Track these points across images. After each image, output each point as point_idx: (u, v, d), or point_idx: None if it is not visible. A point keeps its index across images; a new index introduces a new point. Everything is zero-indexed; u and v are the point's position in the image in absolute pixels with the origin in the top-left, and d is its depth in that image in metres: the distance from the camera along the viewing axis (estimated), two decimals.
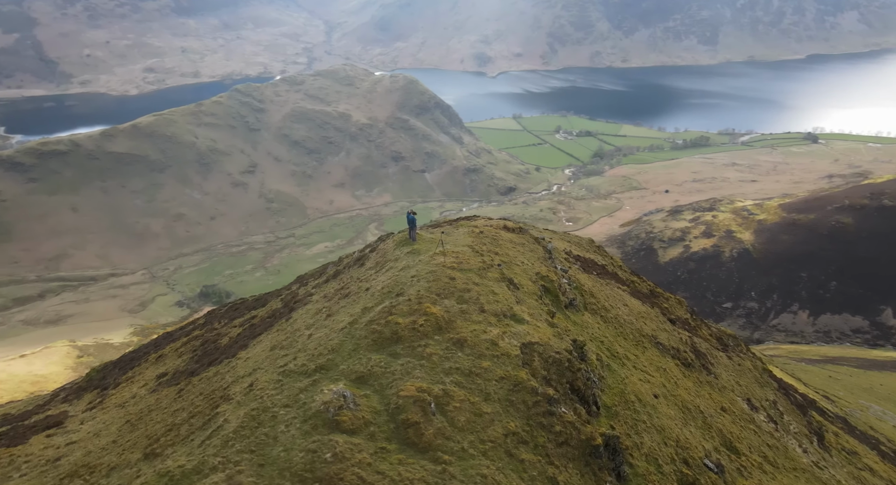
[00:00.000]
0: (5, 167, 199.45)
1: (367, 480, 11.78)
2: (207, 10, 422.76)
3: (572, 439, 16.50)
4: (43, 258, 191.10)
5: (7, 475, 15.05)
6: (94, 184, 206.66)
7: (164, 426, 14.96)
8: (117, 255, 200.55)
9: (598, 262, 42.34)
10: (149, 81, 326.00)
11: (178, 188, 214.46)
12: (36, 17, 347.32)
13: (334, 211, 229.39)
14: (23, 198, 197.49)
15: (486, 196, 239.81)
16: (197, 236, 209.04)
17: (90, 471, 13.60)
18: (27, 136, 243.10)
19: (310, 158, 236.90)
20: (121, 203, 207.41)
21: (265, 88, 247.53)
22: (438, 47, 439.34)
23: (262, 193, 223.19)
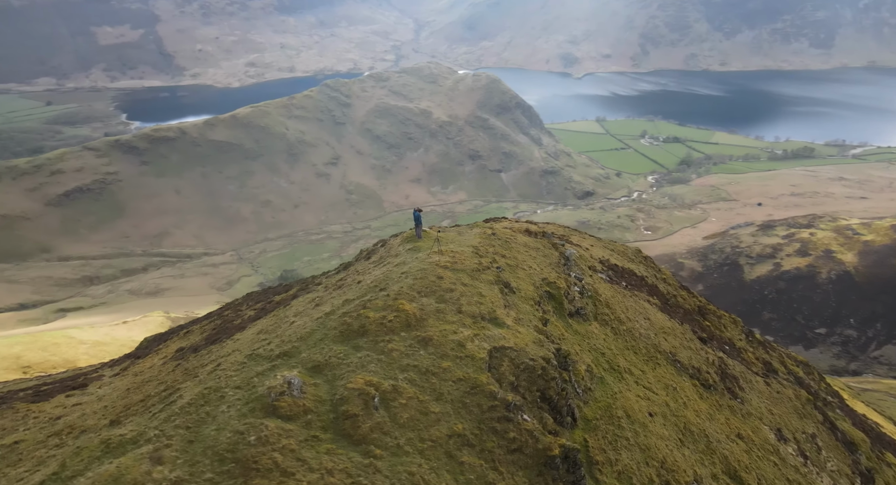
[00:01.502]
0: (123, 150, 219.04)
1: (283, 465, 12.35)
2: (306, 9, 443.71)
3: (527, 447, 16.43)
4: (148, 235, 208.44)
5: (14, 428, 17.11)
6: (195, 169, 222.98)
7: (141, 396, 16.47)
8: (211, 236, 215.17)
9: (637, 273, 41.01)
10: (249, 75, 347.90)
11: (268, 176, 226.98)
12: (159, 15, 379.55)
13: (409, 206, 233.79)
14: (135, 179, 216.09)
15: (563, 199, 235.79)
16: (281, 223, 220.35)
17: (69, 431, 15.24)
18: (144, 122, 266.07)
19: (389, 153, 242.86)
20: (217, 188, 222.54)
21: (352, 84, 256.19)
22: (524, 47, 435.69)
23: (342, 185, 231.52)
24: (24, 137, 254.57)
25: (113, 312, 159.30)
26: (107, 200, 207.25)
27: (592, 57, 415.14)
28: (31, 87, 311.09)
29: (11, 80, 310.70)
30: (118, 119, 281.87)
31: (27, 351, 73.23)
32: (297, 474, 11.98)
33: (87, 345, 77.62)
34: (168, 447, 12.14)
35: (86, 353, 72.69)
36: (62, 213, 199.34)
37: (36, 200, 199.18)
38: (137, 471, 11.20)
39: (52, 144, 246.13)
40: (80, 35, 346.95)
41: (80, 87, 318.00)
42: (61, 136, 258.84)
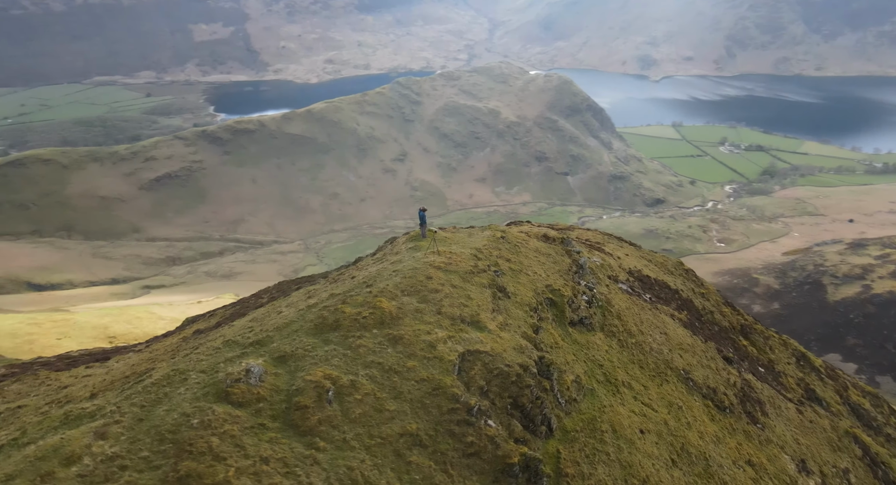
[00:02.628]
0: (209, 140, 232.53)
1: (217, 449, 12.86)
2: (384, 8, 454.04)
3: (486, 452, 16.41)
4: (226, 221, 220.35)
5: (27, 393, 18.91)
6: (271, 160, 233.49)
7: (130, 372, 17.74)
8: (281, 224, 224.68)
9: (670, 285, 39.53)
10: (327, 72, 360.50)
11: (337, 170, 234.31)
12: (248, 13, 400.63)
13: (473, 205, 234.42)
14: (218, 167, 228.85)
15: (631, 206, 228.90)
16: (347, 215, 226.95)
17: (63, 401, 16.69)
18: (229, 114, 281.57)
19: (456, 152, 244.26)
20: (290, 179, 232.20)
21: (423, 82, 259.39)
22: (600, 48, 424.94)
23: (408, 181, 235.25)
24: (125, 126, 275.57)
25: (190, 291, 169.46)
26: (191, 187, 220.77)
27: (672, 59, 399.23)
28: (134, 79, 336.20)
29: (118, 73, 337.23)
30: (207, 111, 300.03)
31: (114, 323, 79.80)
32: (228, 460, 12.53)
33: (166, 321, 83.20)
34: (117, 424, 13.03)
35: (163, 328, 77.32)
36: (153, 197, 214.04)
37: (131, 184, 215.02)
38: (78, 444, 12.10)
39: (148, 132, 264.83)
40: (178, 32, 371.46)
41: (176, 81, 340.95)
42: (157, 125, 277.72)
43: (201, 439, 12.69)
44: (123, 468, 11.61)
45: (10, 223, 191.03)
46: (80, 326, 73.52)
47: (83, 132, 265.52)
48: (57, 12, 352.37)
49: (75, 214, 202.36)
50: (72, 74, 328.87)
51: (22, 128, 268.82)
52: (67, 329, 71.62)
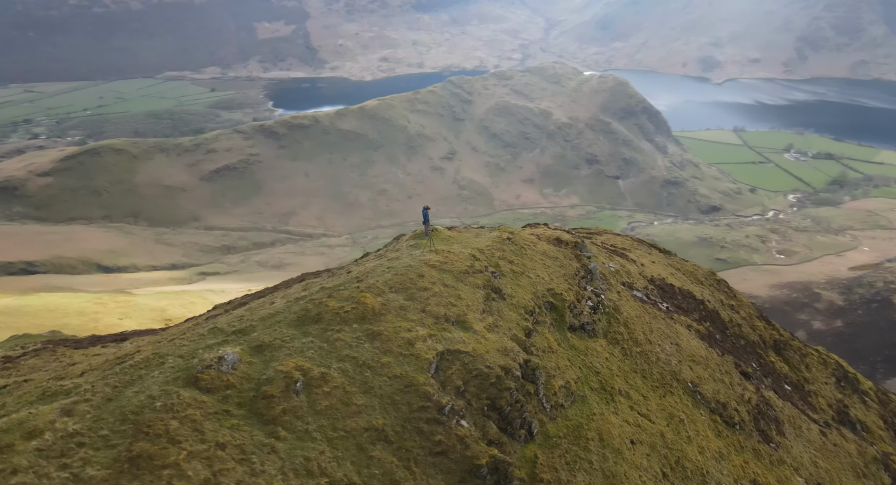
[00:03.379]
0: (266, 134, 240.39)
1: (174, 432, 13.20)
2: (440, 7, 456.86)
3: (454, 452, 16.40)
4: (278, 213, 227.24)
5: (39, 368, 20.20)
6: (323, 155, 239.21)
7: (122, 353, 18.71)
8: (330, 218, 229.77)
9: (696, 296, 38.24)
10: (381, 70, 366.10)
11: (386, 166, 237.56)
12: (309, 12, 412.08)
13: (520, 205, 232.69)
14: (273, 161, 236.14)
15: (684, 212, 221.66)
16: (394, 211, 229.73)
17: (61, 377, 17.75)
18: (286, 110, 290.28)
19: (504, 152, 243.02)
20: (340, 174, 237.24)
21: (475, 81, 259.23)
22: (659, 49, 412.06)
23: (455, 180, 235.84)
24: (191, 119, 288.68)
25: (242, 280, 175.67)
26: (248, 179, 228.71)
27: (737, 61, 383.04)
28: (201, 75, 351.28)
29: (186, 69, 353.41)
30: (265, 106, 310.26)
31: (171, 306, 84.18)
32: (183, 443, 12.99)
33: None
34: (87, 402, 13.73)
35: None
36: (212, 187, 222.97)
37: (193, 175, 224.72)
38: (44, 419, 12.82)
39: (211, 125, 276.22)
40: (243, 30, 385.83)
41: (239, 77, 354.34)
42: (219, 119, 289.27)
43: (161, 421, 13.21)
44: (81, 445, 12.25)
45: (85, 208, 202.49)
46: (140, 307, 77.50)
47: (153, 124, 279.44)
48: (135, 10, 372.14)
49: (142, 202, 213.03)
50: (145, 70, 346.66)
51: (99, 119, 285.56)
52: (129, 310, 75.69)
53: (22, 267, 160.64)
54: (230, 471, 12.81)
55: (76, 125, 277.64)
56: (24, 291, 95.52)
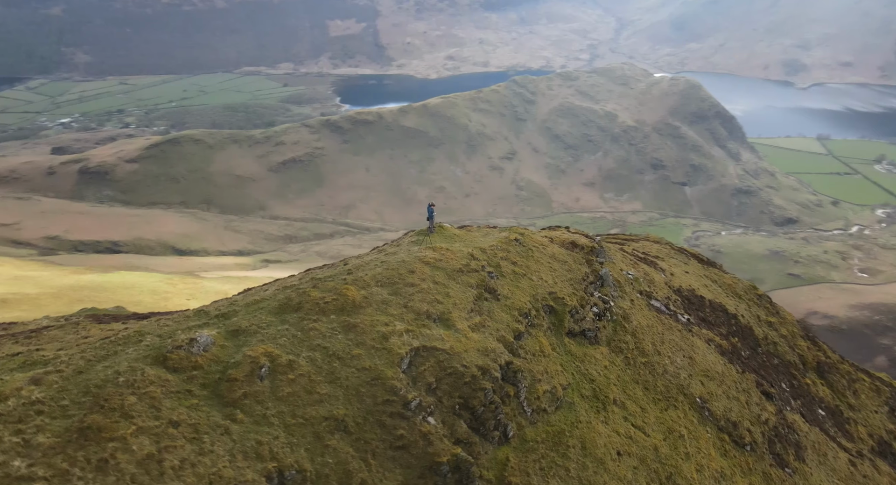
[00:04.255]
0: (331, 129, 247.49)
1: (129, 407, 13.58)
2: (509, 6, 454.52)
3: (415, 447, 16.36)
4: (339, 206, 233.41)
5: (58, 339, 21.68)
6: (385, 151, 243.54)
7: (115, 331, 19.75)
8: (388, 213, 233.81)
9: (728, 309, 36.41)
10: (447, 68, 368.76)
11: (446, 164, 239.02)
12: (380, 10, 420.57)
13: (579, 209, 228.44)
14: (336, 155, 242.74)
15: (755, 223, 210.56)
16: (451, 209, 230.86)
17: (61, 347, 18.99)
18: (352, 106, 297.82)
19: (566, 154, 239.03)
20: (400, 170, 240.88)
21: (539, 81, 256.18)
22: (739, 51, 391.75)
23: (514, 180, 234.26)
24: (264, 112, 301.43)
25: (302, 269, 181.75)
26: (312, 171, 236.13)
27: (826, 64, 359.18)
28: (275, 70, 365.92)
29: (262, 64, 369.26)
30: (333, 101, 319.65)
31: (233, 290, 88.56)
32: (136, 418, 13.54)
33: None
34: (58, 373, 14.54)
35: None
36: (278, 178, 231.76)
37: (262, 166, 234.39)
38: (12, 386, 13.64)
39: (281, 119, 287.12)
40: (316, 27, 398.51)
41: (310, 73, 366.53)
42: (289, 113, 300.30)
43: (119, 395, 13.84)
44: (39, 413, 13.05)
45: (164, 194, 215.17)
46: (206, 290, 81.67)
47: (229, 116, 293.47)
48: (219, 9, 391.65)
49: (215, 189, 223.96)
50: (226, 64, 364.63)
51: (182, 110, 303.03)
52: (196, 292, 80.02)
53: (108, 246, 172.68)
54: (177, 448, 13.31)
55: (162, 116, 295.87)
56: (107, 269, 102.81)
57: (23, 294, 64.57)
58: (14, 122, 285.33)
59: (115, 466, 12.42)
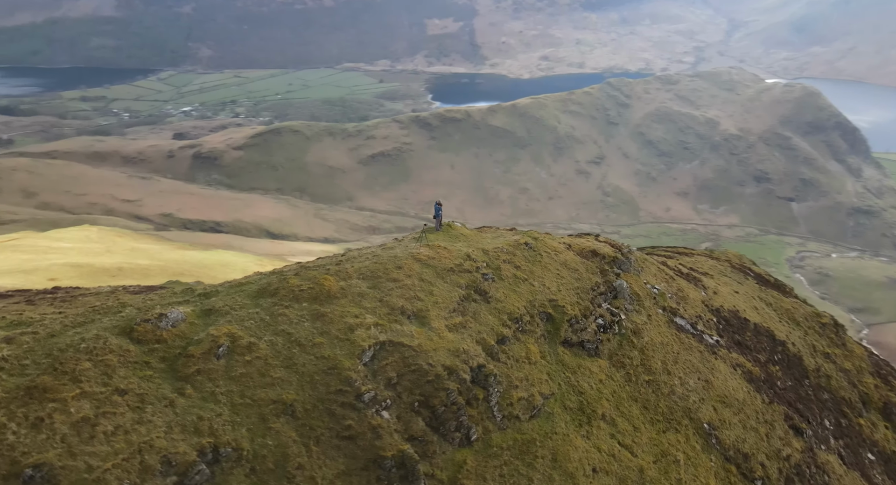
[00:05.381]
0: (420, 125, 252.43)
1: (79, 372, 14.29)
2: (611, 6, 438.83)
3: (362, 439, 16.32)
4: (422, 201, 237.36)
5: (90, 303, 23.68)
6: (471, 149, 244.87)
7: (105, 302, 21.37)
8: (470, 211, 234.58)
9: (776, 335, 33.44)
10: (540, 68, 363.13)
11: (531, 165, 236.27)
12: (478, 9, 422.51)
13: (668, 219, 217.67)
14: (423, 151, 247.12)
15: (874, 247, 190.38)
16: (533, 211, 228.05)
17: (66, 309, 20.76)
18: (443, 103, 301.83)
19: (658, 161, 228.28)
20: (484, 169, 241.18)
21: (635, 84, 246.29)
22: (872, 56, 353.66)
23: (600, 185, 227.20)
24: (359, 107, 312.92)
25: None
26: (399, 166, 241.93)
27: None
28: (373, 67, 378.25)
29: (361, 61, 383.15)
30: (424, 99, 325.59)
31: None
32: (84, 383, 14.43)
33: None
34: (33, 335, 15.75)
35: None
36: (367, 171, 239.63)
37: (352, 158, 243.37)
38: None
39: (374, 114, 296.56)
40: (415, 26, 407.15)
41: (405, 70, 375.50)
42: (382, 108, 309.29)
43: (75, 360, 14.86)
44: (0, 369, 14.37)
45: (263, 180, 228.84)
46: None
47: (327, 110, 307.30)
48: (327, 7, 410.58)
49: (308, 179, 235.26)
50: (328, 60, 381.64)
51: (285, 103, 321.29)
52: None
53: (211, 226, 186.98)
54: (116, 415, 14.12)
55: (268, 107, 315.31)
56: (207, 247, 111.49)
57: (136, 265, 71.35)
58: (145, 109, 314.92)
59: (50, 425, 13.42)
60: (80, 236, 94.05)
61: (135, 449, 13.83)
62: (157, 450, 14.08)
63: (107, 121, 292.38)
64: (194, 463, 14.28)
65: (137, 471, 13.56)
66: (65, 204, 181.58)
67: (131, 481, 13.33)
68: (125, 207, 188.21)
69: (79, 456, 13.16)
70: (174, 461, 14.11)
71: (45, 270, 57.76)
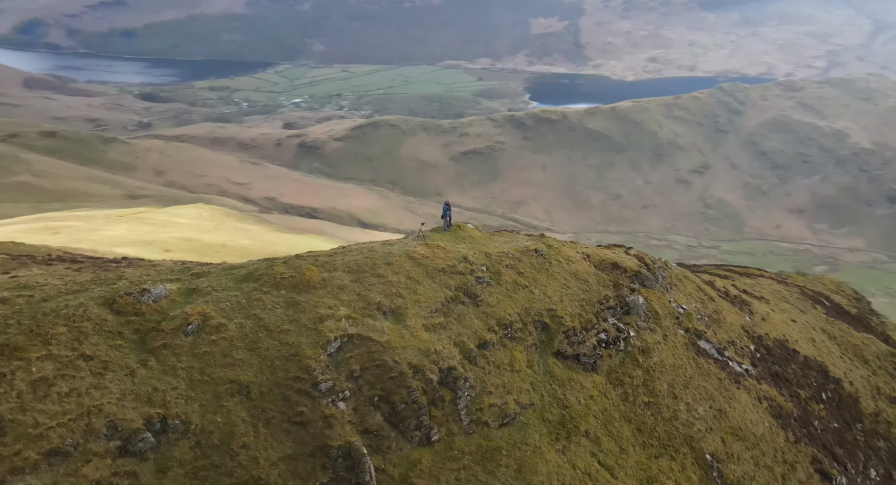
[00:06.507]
0: (514, 124, 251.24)
1: (54, 336, 15.26)
2: (732, 5, 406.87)
3: (313, 426, 16.40)
4: (510, 200, 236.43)
5: (115, 271, 25.79)
6: (564, 151, 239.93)
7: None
8: (558, 214, 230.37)
9: (829, 371, 30.11)
10: (647, 70, 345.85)
11: (626, 171, 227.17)
12: (585, 8, 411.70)
13: (777, 237, 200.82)
14: (515, 151, 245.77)
15: None
16: (624, 219, 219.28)
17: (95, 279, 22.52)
18: (540, 104, 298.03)
19: (772, 174, 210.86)
20: (577, 172, 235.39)
21: (752, 90, 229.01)
22: None
23: (701, 196, 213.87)
24: (456, 104, 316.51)
25: None
26: (490, 164, 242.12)
27: None
28: (474, 64, 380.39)
29: (462, 59, 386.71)
30: (522, 98, 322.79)
31: None
32: (53, 346, 15.41)
33: None
34: (28, 298, 16.91)
35: None
36: (457, 167, 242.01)
37: (444, 154, 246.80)
38: None
39: (470, 111, 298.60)
40: (518, 24, 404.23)
41: (505, 68, 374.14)
42: (479, 106, 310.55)
43: (51, 324, 16.09)
44: None
45: (359, 171, 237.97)
46: None
47: (424, 106, 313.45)
48: (434, 5, 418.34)
49: (401, 172, 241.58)
50: (430, 57, 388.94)
51: (386, 98, 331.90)
52: None
53: (308, 211, 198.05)
54: (75, 378, 15.20)
55: (370, 101, 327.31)
56: (302, 232, 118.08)
57: (238, 243, 77.05)
58: (261, 100, 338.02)
59: (10, 381, 14.67)
60: (194, 214, 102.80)
61: (84, 411, 14.85)
62: (105, 414, 15.03)
63: (228, 109, 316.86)
64: (139, 430, 15.12)
65: (82, 432, 14.57)
66: (186, 183, 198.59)
67: (74, 440, 14.36)
68: (236, 189, 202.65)
69: (29, 412, 14.34)
70: (120, 427, 15.01)
71: (162, 242, 63.73)
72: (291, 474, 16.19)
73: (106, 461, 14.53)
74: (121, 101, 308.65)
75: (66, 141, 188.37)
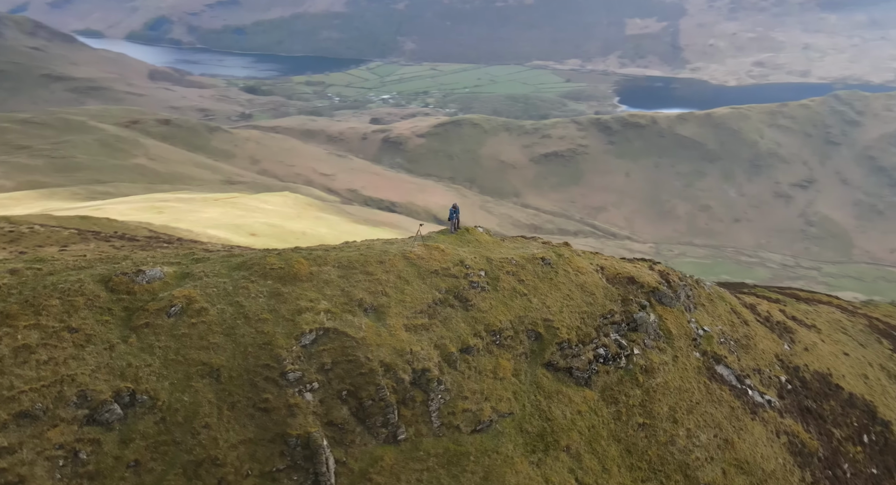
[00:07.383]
0: (599, 128, 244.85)
1: (45, 307, 16.19)
2: (858, 5, 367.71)
3: (276, 413, 16.64)
4: (590, 206, 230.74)
5: (147, 250, 27.55)
6: (650, 158, 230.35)
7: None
8: (639, 222, 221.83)
9: (877, 412, 27.04)
10: (751, 75, 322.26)
11: (718, 182, 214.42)
12: (687, 9, 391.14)
13: (892, 262, 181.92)
14: (598, 155, 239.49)
15: None
16: (713, 232, 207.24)
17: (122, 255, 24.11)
18: (629, 107, 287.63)
19: (890, 192, 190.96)
20: (663, 180, 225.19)
21: (873, 99, 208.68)
22: None
23: (803, 213, 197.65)
24: (541, 105, 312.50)
25: None
26: (571, 167, 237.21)
27: None
28: (562, 65, 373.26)
29: (551, 59, 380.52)
30: (611, 101, 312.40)
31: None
32: (43, 317, 16.48)
33: None
34: (37, 271, 18.14)
35: None
36: (537, 169, 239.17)
37: (525, 155, 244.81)
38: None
39: (555, 113, 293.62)
40: (613, 25, 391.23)
41: (595, 70, 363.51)
42: (565, 108, 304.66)
43: (46, 296, 17.31)
44: None
45: (438, 168, 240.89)
46: None
47: (509, 106, 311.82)
48: (526, 5, 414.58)
49: (480, 171, 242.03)
50: (518, 57, 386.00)
51: (471, 96, 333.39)
52: None
53: (387, 205, 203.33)
54: (54, 348, 16.27)
55: (455, 99, 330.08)
56: (377, 224, 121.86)
57: (316, 232, 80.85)
58: (352, 95, 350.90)
59: None
60: (280, 201, 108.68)
61: (58, 379, 15.92)
62: (77, 384, 16.04)
63: (321, 103, 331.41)
64: (107, 402, 16.07)
65: (53, 398, 15.62)
66: (278, 172, 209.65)
67: (44, 405, 15.44)
68: (321, 180, 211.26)
69: (6, 375, 15.56)
70: (90, 397, 15.97)
71: (249, 226, 68.05)
72: (250, 458, 16.62)
73: (72, 427, 15.53)
74: (227, 93, 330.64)
75: (178, 128, 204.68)
